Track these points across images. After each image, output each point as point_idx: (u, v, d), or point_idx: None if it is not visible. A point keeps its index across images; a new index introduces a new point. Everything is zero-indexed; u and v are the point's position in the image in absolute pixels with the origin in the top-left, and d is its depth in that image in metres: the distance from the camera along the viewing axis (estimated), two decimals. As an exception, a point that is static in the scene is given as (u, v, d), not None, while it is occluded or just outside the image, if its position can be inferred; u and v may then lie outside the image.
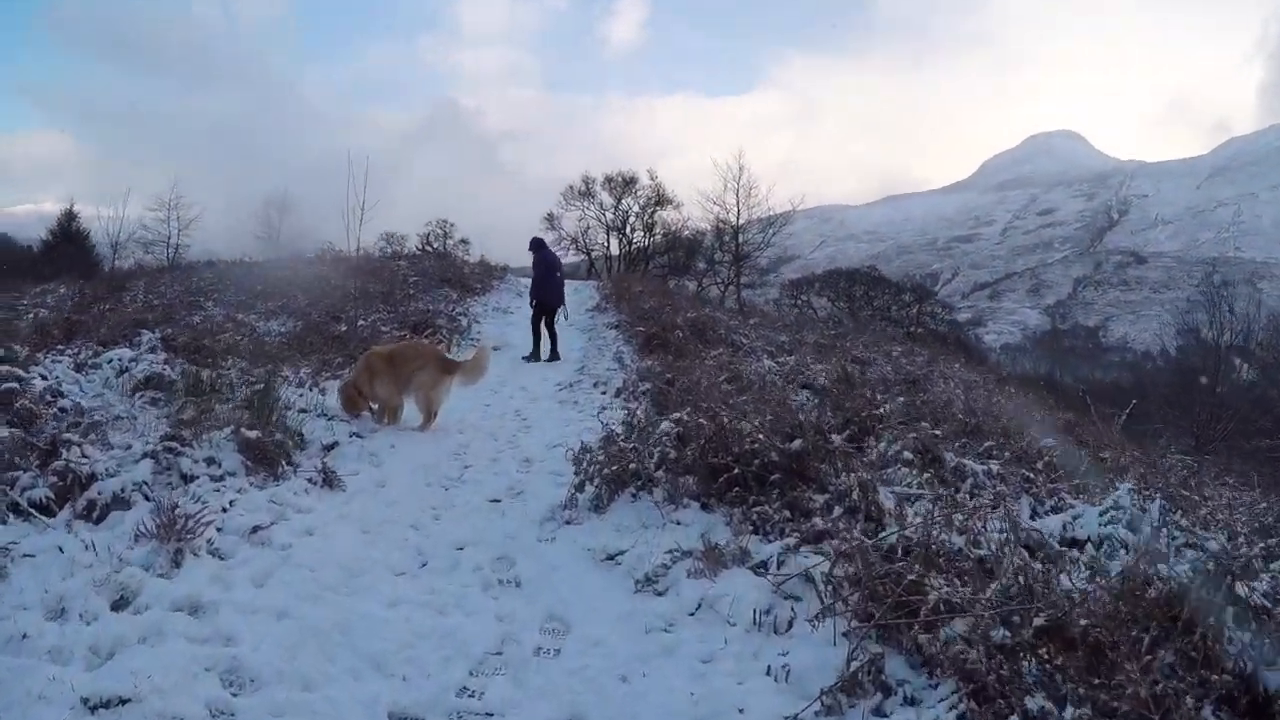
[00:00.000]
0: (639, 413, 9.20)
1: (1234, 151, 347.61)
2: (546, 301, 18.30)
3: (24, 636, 4.57)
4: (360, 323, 20.02)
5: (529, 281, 19.40)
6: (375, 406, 11.01)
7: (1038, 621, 4.37)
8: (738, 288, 47.01)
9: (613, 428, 8.70)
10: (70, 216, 48.99)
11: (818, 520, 6.33)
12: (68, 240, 46.88)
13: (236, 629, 4.96)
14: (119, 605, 5.07)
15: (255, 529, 6.49)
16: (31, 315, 18.26)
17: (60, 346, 12.20)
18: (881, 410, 9.92)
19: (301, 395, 11.28)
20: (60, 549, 5.62)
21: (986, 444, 10.08)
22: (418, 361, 11.05)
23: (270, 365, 12.75)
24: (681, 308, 22.90)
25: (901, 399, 12.57)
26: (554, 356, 18.02)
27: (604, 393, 13.74)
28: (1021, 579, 4.85)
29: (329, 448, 9.19)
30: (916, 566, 5.08)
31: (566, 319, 19.89)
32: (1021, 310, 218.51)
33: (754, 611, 5.23)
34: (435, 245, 53.72)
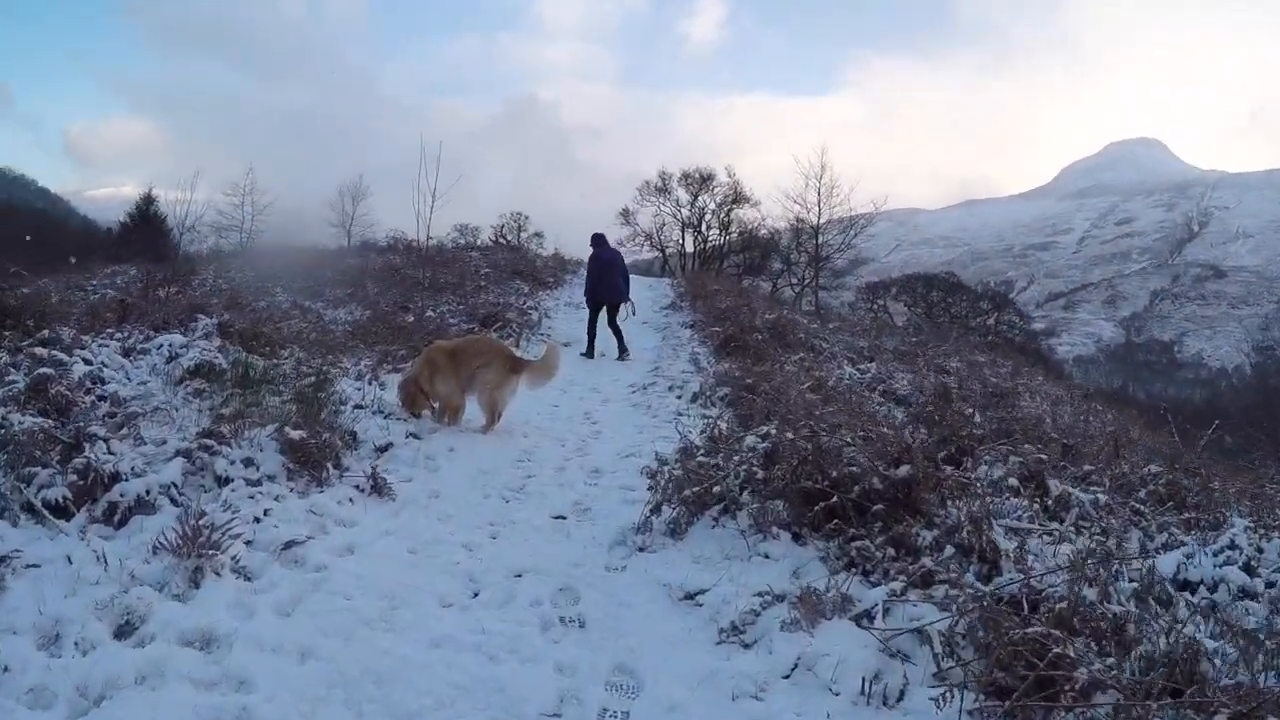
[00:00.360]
0: (720, 424, 8.34)
1: None
2: (602, 298, 18.05)
3: (4, 669, 3.94)
4: (429, 313, 19.49)
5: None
6: (436, 405, 10.25)
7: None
8: (815, 290, 45.79)
9: (690, 438, 7.87)
10: (149, 200, 49.08)
11: (926, 560, 5.47)
12: (145, 223, 46.60)
13: (251, 671, 4.23)
14: (122, 633, 4.39)
15: (289, 544, 5.76)
16: (96, 297, 17.84)
17: (111, 330, 11.60)
18: (980, 429, 9.06)
19: (359, 389, 10.62)
20: (69, 559, 4.97)
21: (1086, 468, 9.18)
22: (483, 358, 10.22)
23: (329, 356, 12.16)
24: (758, 308, 22.08)
25: (992, 415, 11.69)
26: (622, 354, 17.63)
27: (679, 397, 12.94)
28: (1165, 643, 4.13)
29: (382, 449, 8.47)
30: (1053, 631, 4.20)
31: (634, 314, 19.48)
32: (1096, 322, 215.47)
33: (861, 679, 4.34)
34: (509, 238, 53.81)
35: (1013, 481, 7.34)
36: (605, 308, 18.11)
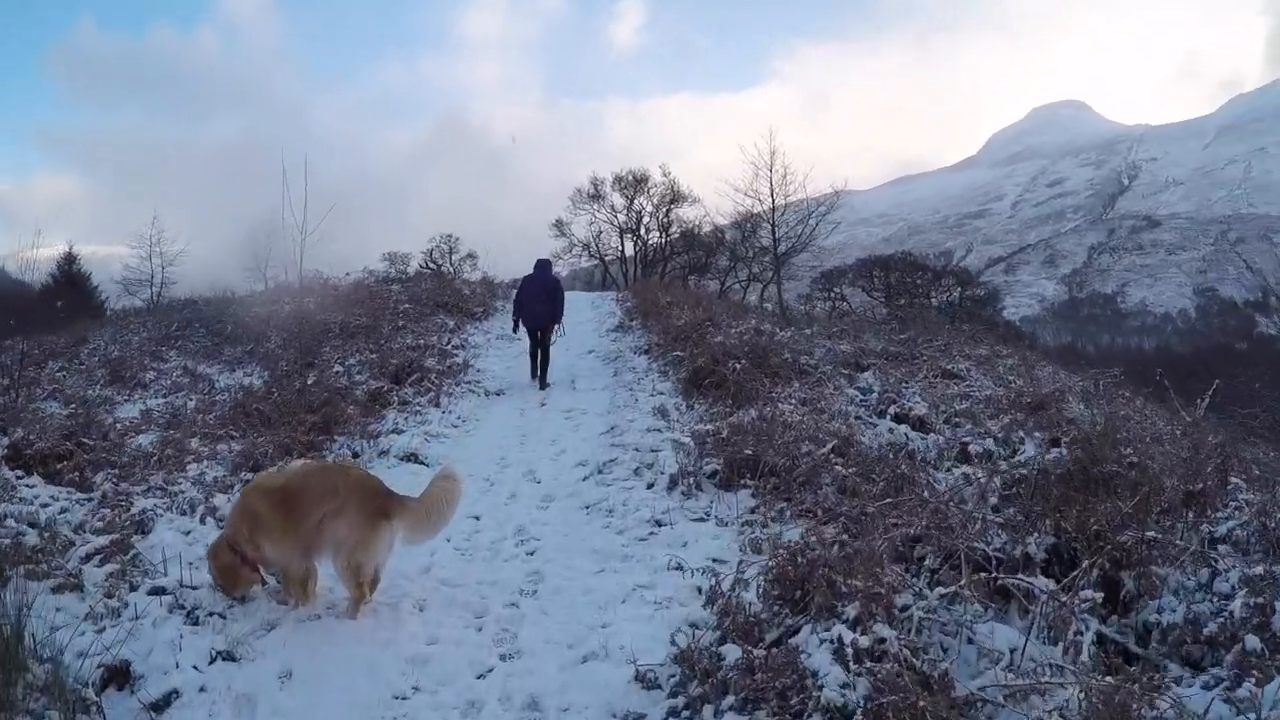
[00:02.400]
0: (744, 595, 4.91)
1: (1242, 109, 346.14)
2: (526, 323, 16.91)
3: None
4: (336, 367, 16.19)
5: None
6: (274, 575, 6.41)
7: None
8: (778, 287, 42.12)
9: (690, 615, 4.46)
10: (70, 259, 46.22)
11: None
12: (70, 284, 43.81)
13: None
14: None
15: None
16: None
17: None
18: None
19: (187, 535, 7.17)
20: None
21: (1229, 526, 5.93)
22: (331, 501, 6.18)
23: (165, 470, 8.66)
24: (722, 320, 18.78)
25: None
26: (535, 378, 16.38)
27: (651, 484, 9.24)
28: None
29: (157, 707, 4.76)
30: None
31: (564, 334, 17.83)
32: (1038, 282, 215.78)
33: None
34: (438, 264, 51.15)
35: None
36: (539, 332, 16.80)
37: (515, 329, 17.37)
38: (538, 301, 16.88)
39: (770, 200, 40.13)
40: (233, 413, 12.72)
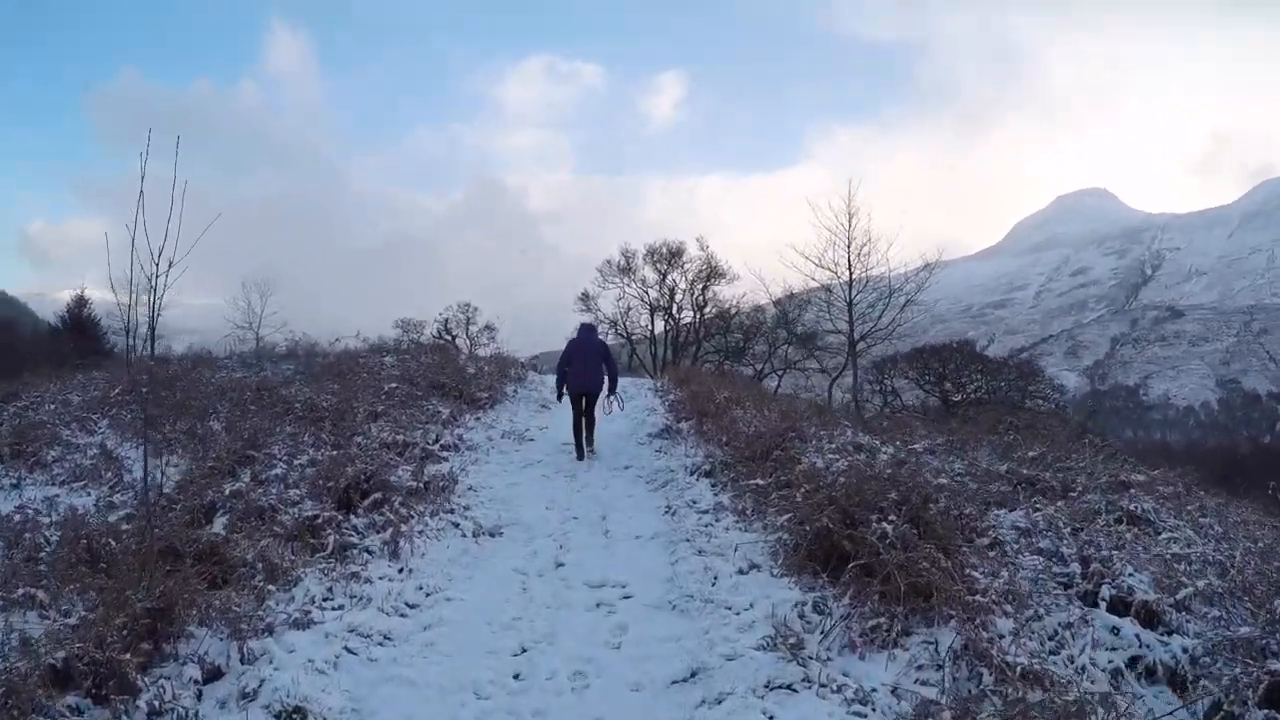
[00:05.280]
0: None
1: (1265, 195, 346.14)
2: (571, 388, 15.47)
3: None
4: (277, 468, 11.55)
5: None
6: None
7: None
8: (855, 379, 35.76)
9: None
10: (81, 302, 45.17)
11: None
12: (78, 328, 43.16)
13: None
14: None
15: None
16: None
17: None
18: None
19: None
20: None
21: None
22: None
23: None
24: (809, 430, 13.78)
25: None
26: (580, 452, 14.99)
27: None
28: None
29: None
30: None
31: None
32: (1060, 373, 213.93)
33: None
34: (452, 334, 47.96)
35: None
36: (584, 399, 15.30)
37: (560, 397, 15.79)
38: (588, 366, 15.58)
39: (848, 273, 31.97)
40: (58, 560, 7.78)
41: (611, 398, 16.05)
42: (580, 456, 14.90)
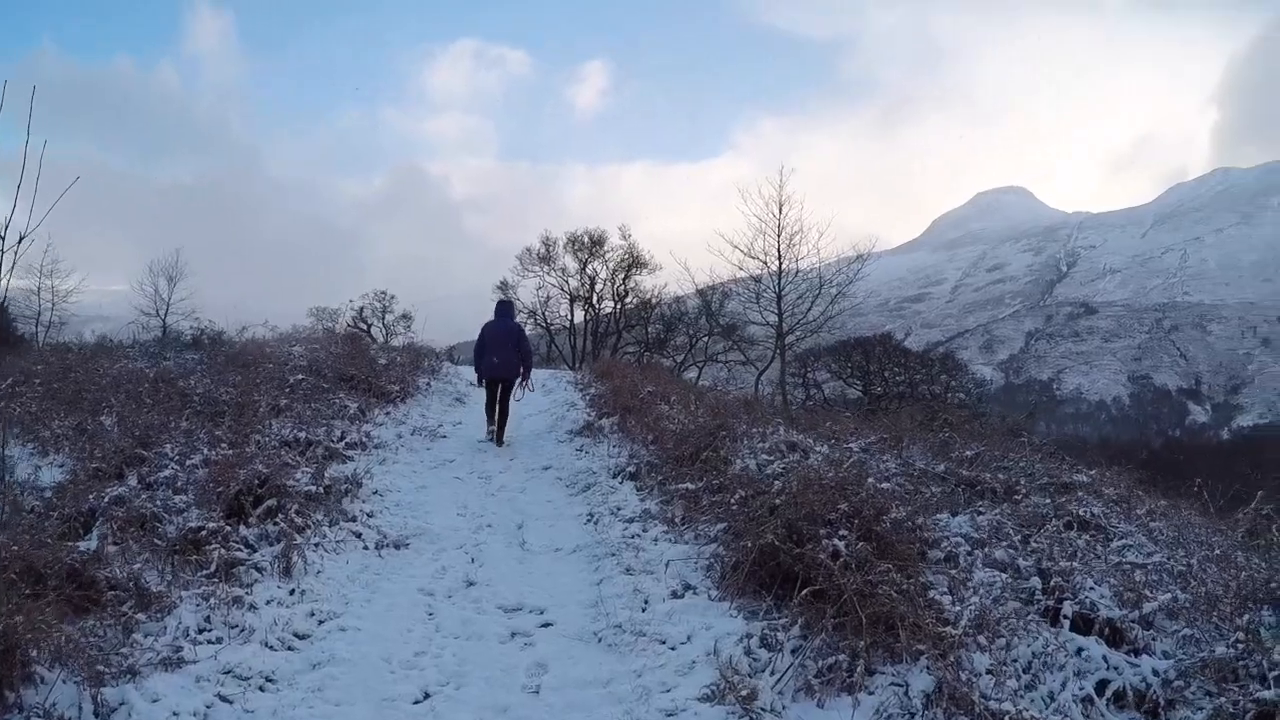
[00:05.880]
0: None
1: (1180, 197, 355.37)
2: (483, 374, 15.47)
3: None
4: (168, 469, 10.28)
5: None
6: None
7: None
8: (782, 373, 34.92)
9: None
10: None
11: None
12: None
13: None
14: None
15: None
16: None
17: None
18: None
19: None
20: None
21: None
22: None
23: None
24: (739, 426, 12.91)
25: None
26: (498, 439, 14.99)
27: None
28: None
29: None
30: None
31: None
32: (975, 366, 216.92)
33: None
34: (368, 324, 46.71)
35: None
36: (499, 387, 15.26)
37: (480, 381, 15.61)
38: (500, 350, 15.41)
39: (778, 263, 31.17)
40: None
41: (525, 383, 15.76)
42: (490, 436, 15.00)
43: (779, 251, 30.31)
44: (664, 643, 6.56)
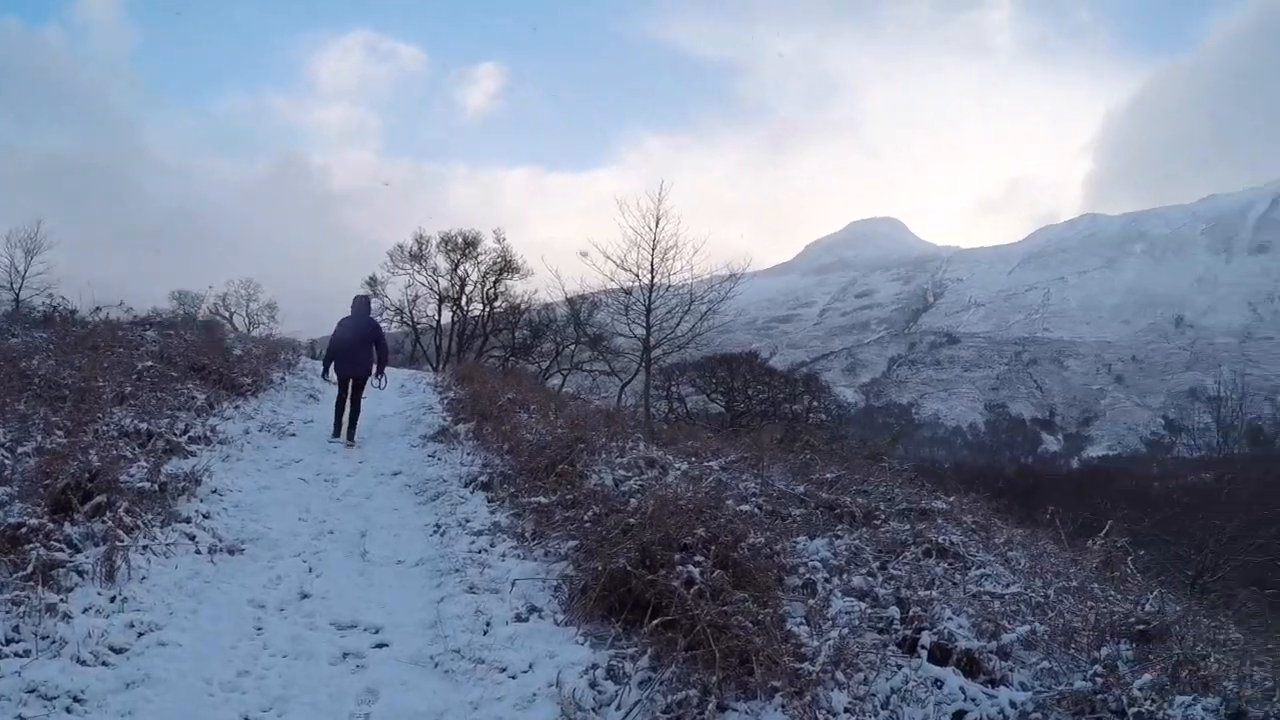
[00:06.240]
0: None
1: (1048, 239, 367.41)
2: (338, 371, 15.36)
3: None
4: (1, 451, 9.70)
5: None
6: None
7: None
8: (646, 386, 34.61)
9: None
10: None
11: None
12: None
13: None
14: None
15: None
16: None
17: None
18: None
19: None
20: None
21: None
22: None
23: None
24: (598, 439, 12.66)
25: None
26: (348, 437, 14.67)
27: None
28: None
29: None
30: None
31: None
32: (837, 388, 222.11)
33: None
34: (230, 312, 47.31)
35: None
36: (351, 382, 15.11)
37: (325, 374, 15.78)
38: (355, 346, 15.35)
39: (650, 276, 30.85)
40: None
41: (379, 379, 15.65)
42: (337, 434, 14.70)
43: (652, 265, 30.15)
44: (504, 671, 6.18)
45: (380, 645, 6.63)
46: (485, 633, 6.77)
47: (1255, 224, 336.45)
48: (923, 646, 6.81)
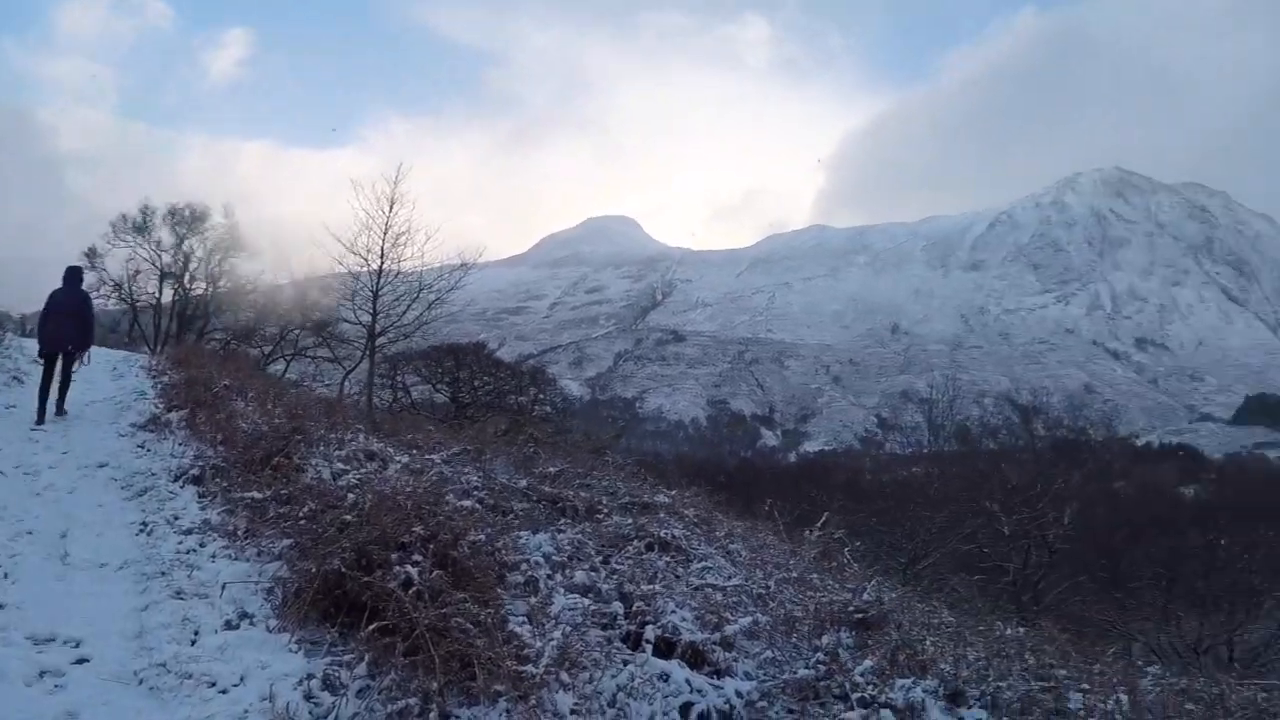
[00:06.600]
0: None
1: (774, 246, 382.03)
2: (43, 347, 15.05)
3: None
4: None
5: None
6: None
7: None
8: (370, 375, 33.71)
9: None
10: None
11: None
12: None
13: None
14: None
15: None
16: None
17: None
18: None
19: None
20: None
21: None
22: None
23: None
24: (316, 431, 12.39)
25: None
26: (58, 408, 14.51)
27: None
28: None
29: None
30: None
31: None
32: (564, 381, 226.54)
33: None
34: None
35: None
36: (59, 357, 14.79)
37: (40, 353, 15.12)
38: (63, 320, 15.01)
39: (380, 262, 29.66)
40: None
41: (82, 354, 15.37)
42: (40, 420, 14.02)
43: (382, 251, 29.28)
44: (214, 685, 5.81)
45: (81, 661, 6.05)
46: (193, 643, 6.35)
47: (972, 244, 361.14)
48: (647, 641, 6.97)
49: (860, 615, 8.52)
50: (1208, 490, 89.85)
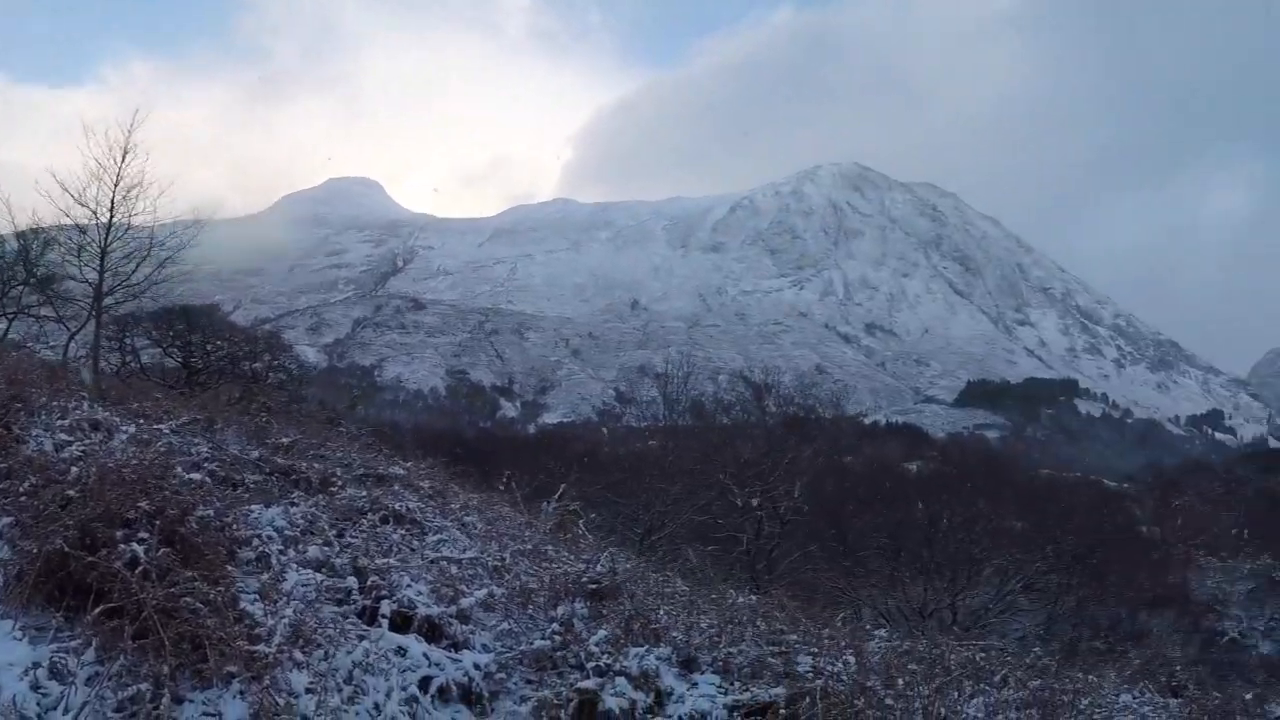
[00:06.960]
0: None
1: (519, 217, 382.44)
2: None
3: None
4: None
5: None
6: None
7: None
8: (96, 338, 31.48)
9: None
10: None
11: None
12: None
13: None
14: None
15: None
16: None
17: None
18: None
19: None
20: None
21: None
22: None
23: None
24: (38, 398, 11.83)
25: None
26: None
27: None
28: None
29: None
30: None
31: None
32: (300, 347, 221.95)
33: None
34: None
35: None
36: None
37: None
38: None
39: (109, 215, 27.66)
40: None
41: None
42: None
43: (112, 203, 27.51)
44: None
45: None
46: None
47: (712, 226, 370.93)
48: (383, 616, 7.05)
49: (595, 586, 8.77)
50: (931, 467, 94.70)
